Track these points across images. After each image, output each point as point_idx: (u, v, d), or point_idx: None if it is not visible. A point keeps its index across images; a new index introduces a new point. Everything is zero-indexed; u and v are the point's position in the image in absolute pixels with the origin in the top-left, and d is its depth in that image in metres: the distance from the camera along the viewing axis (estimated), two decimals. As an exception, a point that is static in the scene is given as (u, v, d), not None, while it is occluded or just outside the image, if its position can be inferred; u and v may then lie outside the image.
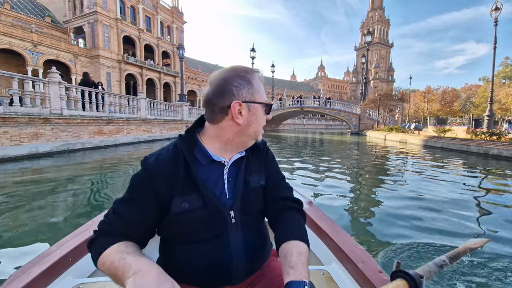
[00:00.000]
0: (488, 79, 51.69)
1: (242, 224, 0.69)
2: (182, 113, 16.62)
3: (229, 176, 0.70)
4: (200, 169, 0.67)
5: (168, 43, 36.45)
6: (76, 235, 1.08)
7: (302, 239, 0.66)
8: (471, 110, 49.15)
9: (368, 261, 0.89)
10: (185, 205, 0.63)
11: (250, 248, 0.69)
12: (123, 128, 11.11)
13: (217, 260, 0.66)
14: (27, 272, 0.82)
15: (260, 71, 0.71)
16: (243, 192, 0.69)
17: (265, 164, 0.77)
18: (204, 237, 0.66)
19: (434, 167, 6.74)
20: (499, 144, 8.12)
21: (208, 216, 0.65)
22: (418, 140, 12.71)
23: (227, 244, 0.66)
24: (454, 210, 3.19)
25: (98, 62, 27.90)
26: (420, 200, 3.66)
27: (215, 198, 0.66)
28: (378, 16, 76.90)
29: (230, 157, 0.71)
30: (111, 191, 4.25)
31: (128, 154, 8.75)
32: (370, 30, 24.95)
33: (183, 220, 0.64)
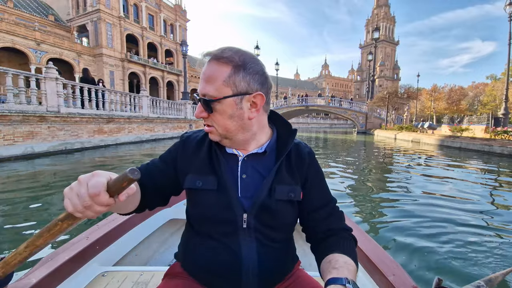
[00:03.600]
0: (496, 77, 50.63)
1: (257, 233, 0.62)
2: (186, 112, 16.20)
3: (242, 172, 0.64)
4: (221, 157, 0.65)
5: (171, 41, 36.12)
6: (104, 224, 1.10)
7: (353, 259, 0.57)
8: (479, 109, 48.09)
9: (401, 274, 0.82)
10: (199, 183, 0.63)
11: (266, 264, 0.62)
12: (125, 127, 10.71)
13: (225, 264, 0.62)
14: (55, 259, 0.86)
15: (203, 54, 0.60)
16: (264, 200, 0.62)
17: (307, 178, 0.67)
18: (214, 232, 0.64)
19: (470, 171, 6.18)
20: (527, 144, 7.50)
21: (220, 204, 0.62)
22: (432, 139, 12.08)
23: (237, 250, 0.61)
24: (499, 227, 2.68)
25: (101, 60, 27.68)
26: (458, 209, 3.15)
27: (229, 187, 0.62)
28: (383, 13, 75.67)
29: (245, 151, 0.65)
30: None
31: (129, 154, 8.33)
32: (378, 26, 24.16)
33: (199, 199, 0.64)
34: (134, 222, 1.27)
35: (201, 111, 0.60)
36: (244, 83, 0.58)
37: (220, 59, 0.57)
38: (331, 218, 0.67)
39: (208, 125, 0.62)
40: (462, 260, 1.99)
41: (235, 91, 0.57)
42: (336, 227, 0.66)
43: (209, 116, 0.60)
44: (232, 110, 0.58)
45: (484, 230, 2.58)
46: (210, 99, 0.58)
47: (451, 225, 2.65)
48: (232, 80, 0.57)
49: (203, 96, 0.59)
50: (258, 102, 0.60)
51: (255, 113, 0.61)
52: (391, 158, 8.52)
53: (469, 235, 2.45)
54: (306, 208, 0.66)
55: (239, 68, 0.57)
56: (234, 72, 0.57)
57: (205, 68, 0.58)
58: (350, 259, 0.57)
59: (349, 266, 0.54)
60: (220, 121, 0.60)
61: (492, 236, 2.47)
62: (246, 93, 0.58)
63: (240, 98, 0.58)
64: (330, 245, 0.62)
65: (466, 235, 2.44)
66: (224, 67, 0.57)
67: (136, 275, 1.01)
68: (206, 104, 0.58)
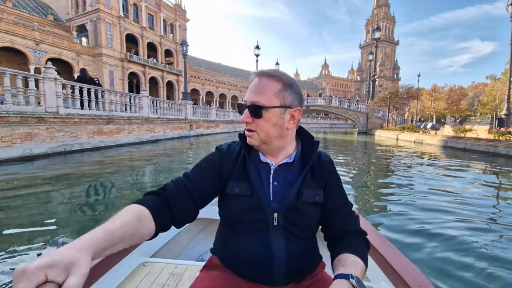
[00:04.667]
0: (496, 77, 50.52)
1: (286, 230, 0.70)
2: (186, 112, 16.07)
3: (274, 179, 0.72)
4: (254, 165, 0.73)
5: (171, 41, 35.95)
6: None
7: (362, 259, 0.64)
8: (478, 109, 47.98)
9: (428, 286, 0.80)
10: (236, 189, 0.71)
11: (293, 257, 0.70)
12: (124, 128, 10.57)
13: (258, 256, 0.69)
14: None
15: (256, 72, 0.72)
16: (292, 202, 0.70)
17: (326, 183, 0.75)
18: (247, 230, 0.71)
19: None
20: (534, 146, 7.38)
21: (252, 207, 0.70)
22: (436, 140, 11.96)
23: (268, 244, 0.69)
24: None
25: (100, 60, 27.49)
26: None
27: (261, 193, 0.70)
28: (383, 13, 75.59)
29: (277, 160, 0.74)
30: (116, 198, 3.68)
31: (130, 156, 8.20)
32: (380, 26, 24.06)
33: (233, 203, 0.72)
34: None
35: (248, 116, 0.69)
36: (290, 98, 0.69)
37: (273, 76, 0.69)
38: (347, 220, 0.74)
39: (251, 130, 0.70)
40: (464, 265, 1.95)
41: (282, 103, 0.69)
42: (351, 229, 0.73)
43: (254, 121, 0.69)
44: (276, 118, 0.68)
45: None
46: (262, 106, 0.67)
47: (457, 231, 2.56)
48: (282, 94, 0.68)
49: (253, 103, 0.68)
50: (296, 116, 0.72)
51: (292, 124, 0.72)
52: (396, 159, 8.40)
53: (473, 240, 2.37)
54: (325, 210, 0.74)
55: (287, 86, 0.69)
56: (283, 88, 0.69)
57: (257, 82, 0.69)
58: (359, 258, 0.63)
59: (357, 265, 0.61)
60: (264, 127, 0.69)
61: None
62: (289, 107, 0.70)
63: (284, 110, 0.69)
64: (342, 246, 0.69)
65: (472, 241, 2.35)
66: (276, 82, 0.69)
67: (171, 267, 1.11)
68: (256, 110, 0.67)
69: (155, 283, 1.01)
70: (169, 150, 10.06)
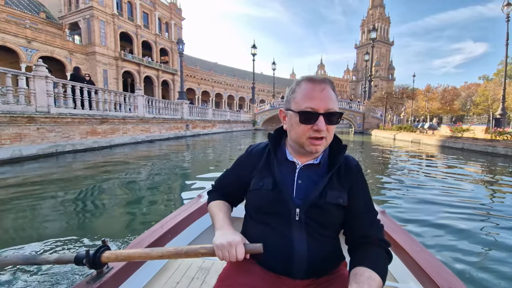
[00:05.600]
0: (488, 77, 51.36)
1: (307, 226, 0.72)
2: (182, 112, 15.81)
3: (298, 178, 0.75)
4: (279, 163, 0.78)
5: (166, 40, 35.51)
6: (173, 217, 1.34)
7: (379, 273, 0.63)
8: (471, 109, 48.76)
9: (458, 286, 0.79)
10: (260, 184, 0.77)
11: (315, 253, 0.71)
12: (119, 128, 10.30)
13: (280, 248, 0.72)
14: (141, 242, 1.04)
15: (308, 77, 0.73)
16: (315, 200, 0.72)
17: (352, 187, 0.76)
18: (271, 222, 0.75)
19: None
20: (532, 145, 7.39)
21: (275, 200, 0.74)
22: (433, 140, 11.98)
23: (290, 238, 0.71)
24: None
25: (94, 59, 26.96)
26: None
27: (284, 188, 0.74)
28: (378, 14, 76.15)
29: (304, 161, 0.77)
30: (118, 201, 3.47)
31: (125, 157, 7.96)
32: (375, 27, 24.14)
33: (257, 196, 0.77)
34: (194, 217, 1.48)
35: (324, 124, 0.70)
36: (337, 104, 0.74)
37: (332, 86, 0.73)
38: (370, 226, 0.73)
39: (322, 137, 0.71)
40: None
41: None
42: (373, 236, 0.71)
43: (327, 128, 0.70)
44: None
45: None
46: (338, 112, 0.71)
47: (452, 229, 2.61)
48: (337, 100, 0.73)
49: (332, 110, 0.70)
50: None
51: None
52: (396, 159, 8.35)
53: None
54: (348, 213, 0.74)
55: (336, 94, 0.75)
56: (337, 96, 0.74)
57: (327, 92, 0.71)
58: (376, 274, 0.62)
59: (372, 282, 0.59)
60: (332, 132, 0.73)
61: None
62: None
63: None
64: (360, 257, 0.67)
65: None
66: (334, 92, 0.73)
67: (200, 262, 1.20)
68: (335, 118, 0.71)
69: (185, 276, 1.11)
70: (166, 150, 9.84)
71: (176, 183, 4.92)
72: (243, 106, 51.40)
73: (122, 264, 0.89)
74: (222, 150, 10.71)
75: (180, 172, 5.96)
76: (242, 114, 27.95)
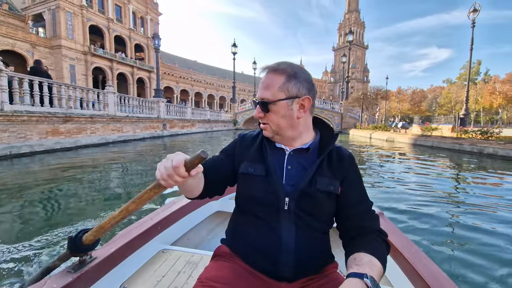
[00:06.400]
0: (451, 81, 56.00)
1: (296, 217, 0.70)
2: (159, 110, 15.04)
3: (288, 164, 0.74)
4: (270, 150, 0.77)
5: (141, 36, 33.85)
6: (163, 209, 1.34)
7: (379, 260, 0.60)
8: (436, 110, 52.88)
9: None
10: (251, 169, 0.75)
11: (302, 247, 0.69)
12: (86, 127, 9.45)
13: (266, 240, 0.70)
14: (128, 234, 1.05)
15: (262, 68, 0.75)
16: (305, 188, 0.70)
17: (345, 177, 0.74)
18: (258, 212, 0.73)
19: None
20: (494, 143, 7.99)
21: (266, 187, 0.72)
22: (406, 139, 12.58)
23: (277, 229, 0.69)
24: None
25: (59, 53, 24.88)
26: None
27: (274, 175, 0.72)
28: (354, 18, 79.41)
29: (291, 147, 0.76)
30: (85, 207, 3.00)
31: (92, 159, 7.26)
32: (352, 30, 24.99)
33: (246, 182, 0.76)
34: (186, 210, 1.45)
35: (259, 111, 0.73)
36: (295, 89, 0.71)
37: (277, 71, 0.71)
38: (365, 217, 0.71)
39: (264, 123, 0.75)
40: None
41: (288, 95, 0.71)
42: (369, 226, 0.70)
43: (265, 115, 0.73)
44: (284, 110, 0.71)
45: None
46: (267, 101, 0.71)
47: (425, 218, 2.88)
48: (286, 87, 0.70)
49: (262, 99, 0.72)
50: (306, 104, 0.73)
51: (303, 113, 0.73)
52: (374, 156, 8.57)
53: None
54: (342, 204, 0.73)
55: (291, 77, 0.71)
56: (287, 80, 0.71)
57: (264, 78, 0.73)
58: (376, 259, 0.59)
59: (373, 266, 0.57)
60: (274, 120, 0.72)
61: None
62: (296, 97, 0.71)
63: (291, 101, 0.71)
64: (358, 244, 0.65)
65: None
66: (279, 76, 0.71)
67: (188, 256, 1.17)
68: (264, 106, 0.72)
69: (172, 269, 1.08)
70: (141, 151, 9.20)
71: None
72: (223, 106, 50.70)
73: (106, 254, 0.88)
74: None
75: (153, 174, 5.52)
76: (223, 114, 27.46)
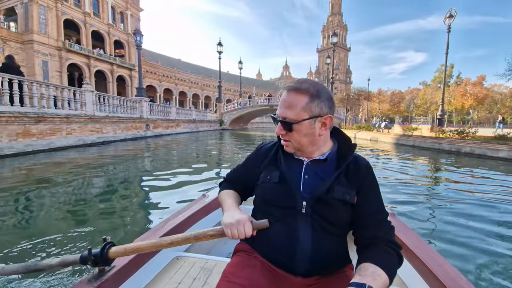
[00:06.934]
0: (427, 83, 59.23)
1: (313, 220, 0.73)
2: (142, 110, 14.42)
3: (305, 173, 0.77)
4: (286, 159, 0.81)
5: (121, 32, 32.37)
6: (175, 216, 1.35)
7: (386, 271, 0.60)
8: (414, 110, 55.73)
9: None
10: (268, 178, 0.80)
11: (318, 248, 0.72)
12: (62, 128, 8.80)
13: (284, 239, 0.73)
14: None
15: (283, 88, 0.78)
16: (321, 195, 0.73)
17: (362, 187, 0.75)
18: (277, 213, 0.76)
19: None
20: (471, 142, 8.44)
21: (282, 192, 0.76)
22: (389, 138, 13.02)
23: (295, 230, 0.73)
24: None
25: (32, 48, 23.12)
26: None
27: (291, 182, 0.76)
28: (337, 21, 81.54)
29: (309, 157, 0.79)
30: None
31: (71, 162, 6.73)
32: (336, 32, 25.52)
33: (265, 188, 0.80)
34: (197, 217, 1.44)
35: (281, 129, 0.76)
36: (318, 109, 0.72)
37: (299, 90, 0.72)
38: (379, 227, 0.71)
39: (286, 140, 0.77)
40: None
41: (310, 115, 0.72)
42: (381, 236, 0.69)
43: (287, 134, 0.75)
44: (307, 129, 0.73)
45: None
46: (291, 122, 0.73)
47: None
48: (309, 107, 0.72)
49: (284, 118, 0.74)
50: (327, 123, 0.75)
51: (324, 131, 0.76)
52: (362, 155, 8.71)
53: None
54: (358, 214, 0.74)
55: (314, 97, 0.72)
56: (310, 100, 0.72)
57: (286, 96, 0.74)
58: (382, 270, 0.59)
59: (376, 276, 0.57)
60: (296, 138, 0.75)
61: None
62: (319, 116, 0.73)
63: (314, 120, 0.73)
64: (367, 254, 0.66)
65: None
66: (302, 96, 0.72)
67: (203, 262, 1.19)
68: (287, 125, 0.74)
69: (187, 276, 1.08)
70: (122, 154, 8.72)
71: (133, 194, 4.21)
72: (209, 105, 49.92)
73: (124, 263, 0.90)
74: (186, 152, 9.96)
75: (136, 177, 5.20)
76: (208, 114, 26.96)
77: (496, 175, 5.59)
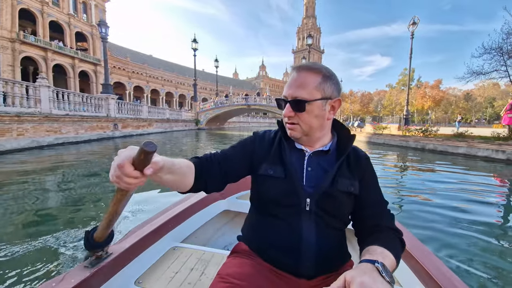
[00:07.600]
0: (392, 86, 63.87)
1: (317, 217, 0.70)
2: (108, 108, 13.33)
3: (308, 165, 0.74)
4: (289, 151, 0.76)
5: (84, 23, 29.84)
6: (173, 207, 1.39)
7: (392, 254, 0.60)
8: (381, 111, 59.77)
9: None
10: (270, 171, 0.74)
11: (323, 245, 0.70)
12: (11, 128, 7.73)
13: (287, 240, 0.70)
14: (141, 230, 1.09)
15: (294, 67, 0.73)
16: (327, 189, 0.71)
17: (363, 178, 0.75)
18: (278, 213, 0.72)
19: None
20: (434, 140, 9.10)
21: (286, 189, 0.71)
22: (362, 137, 13.63)
23: (298, 229, 0.70)
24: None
25: (-24, 38, 20.28)
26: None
27: (295, 177, 0.72)
28: (311, 24, 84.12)
29: (311, 148, 0.76)
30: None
31: (19, 168, 5.86)
32: (311, 34, 26.18)
33: (267, 185, 0.74)
34: (195, 209, 1.50)
35: (290, 111, 0.70)
36: (330, 90, 0.70)
37: (312, 69, 0.70)
38: (380, 215, 0.72)
39: (293, 123, 0.72)
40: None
41: (324, 95, 0.70)
42: (384, 224, 0.69)
43: (296, 115, 0.71)
44: (318, 110, 0.70)
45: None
46: (304, 100, 0.68)
47: None
48: (322, 87, 0.69)
49: (295, 98, 0.69)
50: (336, 106, 0.73)
51: (332, 115, 0.74)
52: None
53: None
54: (360, 204, 0.73)
55: (327, 77, 0.70)
56: (324, 80, 0.70)
57: (296, 76, 0.70)
58: (389, 252, 0.59)
59: (385, 256, 0.57)
60: (307, 119, 0.70)
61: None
62: (330, 98, 0.71)
63: (325, 101, 0.70)
64: (372, 239, 0.65)
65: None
66: (315, 75, 0.70)
67: (200, 253, 1.20)
68: (299, 105, 0.69)
69: (184, 266, 1.09)
70: (84, 156, 7.89)
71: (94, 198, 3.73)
72: (184, 104, 48.28)
73: (121, 251, 0.91)
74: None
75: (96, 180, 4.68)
76: (183, 113, 25.98)
77: (456, 169, 6.05)
